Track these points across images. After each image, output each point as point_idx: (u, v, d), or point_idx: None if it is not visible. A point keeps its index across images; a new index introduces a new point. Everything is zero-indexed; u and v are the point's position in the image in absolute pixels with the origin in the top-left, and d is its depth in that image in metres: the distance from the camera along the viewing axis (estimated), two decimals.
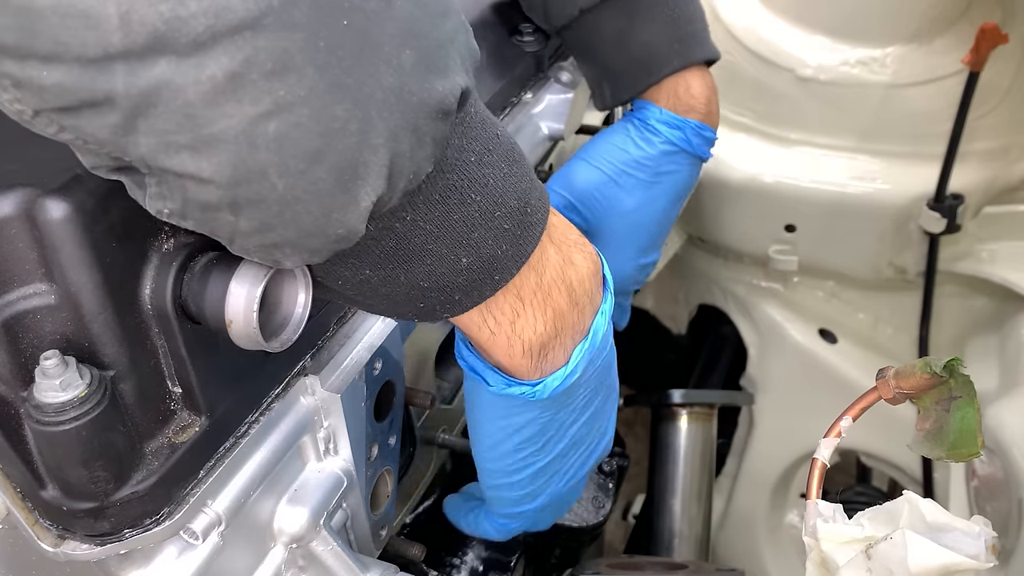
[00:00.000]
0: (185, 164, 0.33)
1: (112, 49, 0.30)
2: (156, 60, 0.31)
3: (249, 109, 0.32)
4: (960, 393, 0.46)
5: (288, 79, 0.33)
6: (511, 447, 0.56)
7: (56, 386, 0.39)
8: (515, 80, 0.82)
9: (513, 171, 0.45)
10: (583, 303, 0.50)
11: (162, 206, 0.36)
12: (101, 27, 0.30)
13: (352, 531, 0.63)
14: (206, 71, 0.31)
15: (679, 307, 1.48)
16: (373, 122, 0.35)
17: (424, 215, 0.41)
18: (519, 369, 0.50)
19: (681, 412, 1.19)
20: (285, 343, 0.45)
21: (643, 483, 1.25)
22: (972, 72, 1.05)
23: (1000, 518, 1.03)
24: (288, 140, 0.33)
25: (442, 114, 0.38)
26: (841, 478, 1.46)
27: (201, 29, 0.31)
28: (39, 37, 0.30)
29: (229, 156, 0.33)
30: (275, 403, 0.53)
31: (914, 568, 0.41)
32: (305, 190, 0.35)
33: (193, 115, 0.32)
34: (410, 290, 0.44)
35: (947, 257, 1.19)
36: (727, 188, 1.20)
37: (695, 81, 0.80)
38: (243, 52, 0.31)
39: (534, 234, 0.46)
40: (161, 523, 0.46)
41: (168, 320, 0.43)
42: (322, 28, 0.33)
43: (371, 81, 0.35)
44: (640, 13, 0.77)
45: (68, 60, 0.30)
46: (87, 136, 0.33)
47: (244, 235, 0.37)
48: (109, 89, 0.31)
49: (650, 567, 0.93)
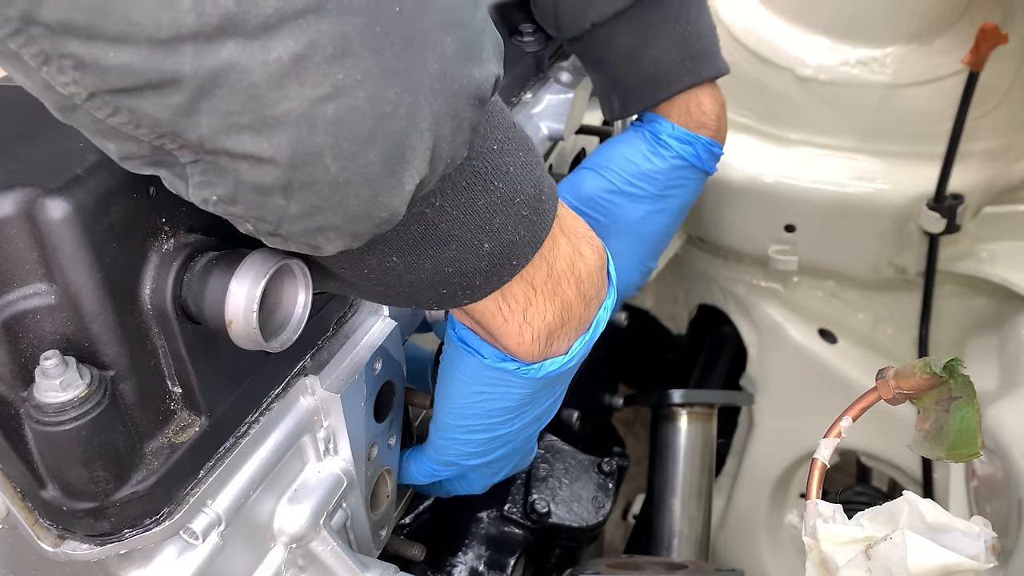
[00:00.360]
0: (245, 145, 0.34)
1: (184, 30, 0.30)
2: (224, 42, 0.31)
3: (311, 91, 0.33)
4: (960, 393, 0.46)
5: (347, 62, 0.33)
6: (480, 411, 0.57)
7: (56, 386, 0.39)
8: (515, 80, 0.82)
9: (529, 160, 0.46)
10: (590, 295, 0.52)
11: (209, 193, 0.36)
12: (175, 8, 0.30)
13: (352, 531, 0.63)
14: (272, 53, 0.32)
15: (679, 307, 1.48)
16: (420, 107, 0.36)
17: (452, 201, 0.42)
18: (524, 354, 0.51)
19: (681, 412, 1.19)
20: (285, 343, 0.45)
21: (643, 483, 1.25)
22: (972, 72, 1.05)
23: (1000, 518, 1.03)
24: (344, 123, 0.34)
25: (479, 100, 0.39)
26: (841, 478, 1.47)
27: (270, 11, 0.31)
28: (111, 17, 0.30)
29: (289, 137, 0.34)
30: (275, 403, 0.53)
31: (914, 568, 0.41)
32: (356, 172, 0.36)
33: (257, 96, 0.32)
34: (434, 276, 0.45)
35: (947, 257, 1.19)
36: (727, 188, 1.20)
37: (706, 98, 0.81)
38: (307, 35, 0.32)
39: (547, 220, 0.47)
40: (161, 523, 0.46)
41: (168, 320, 0.43)
42: (379, 13, 0.34)
43: (420, 67, 0.36)
44: (652, 29, 0.77)
45: (138, 41, 0.30)
46: (143, 118, 0.33)
47: (292, 219, 0.37)
48: (177, 70, 0.31)
49: (650, 567, 0.93)
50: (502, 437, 0.60)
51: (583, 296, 0.51)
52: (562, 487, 0.85)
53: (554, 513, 0.82)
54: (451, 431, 0.60)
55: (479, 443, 0.60)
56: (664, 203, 0.83)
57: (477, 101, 0.39)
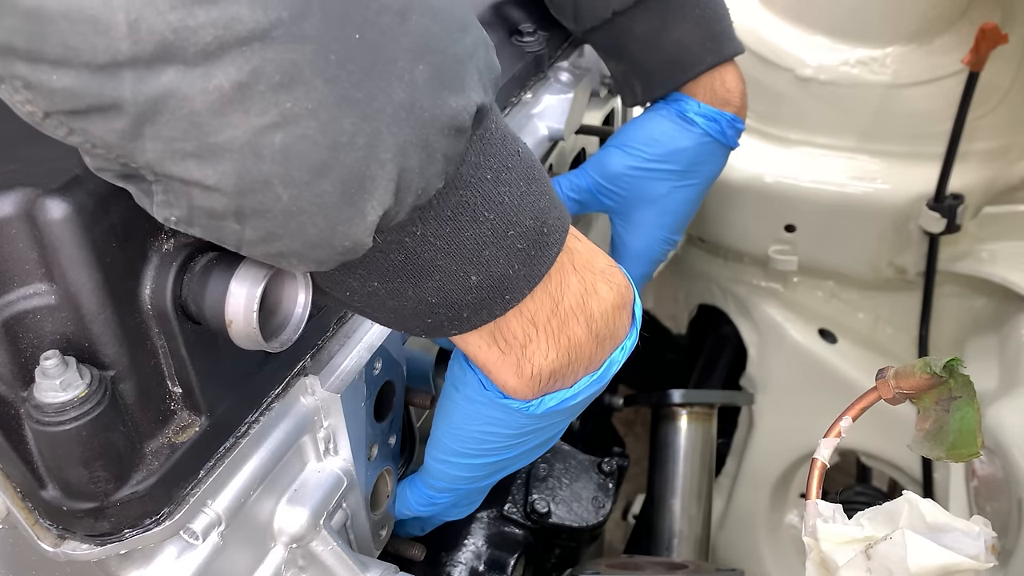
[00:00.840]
0: (191, 171, 0.33)
1: (120, 56, 0.30)
2: (164, 68, 0.31)
3: (255, 120, 0.32)
4: (960, 393, 0.46)
5: (296, 91, 0.33)
6: (479, 434, 0.55)
7: (56, 386, 0.39)
8: (515, 80, 0.82)
9: (531, 190, 0.44)
10: (603, 336, 0.49)
11: (169, 213, 0.36)
12: (110, 34, 0.30)
13: (352, 531, 0.63)
14: (213, 81, 0.31)
15: (679, 307, 1.48)
16: (382, 136, 0.35)
17: (435, 231, 0.41)
18: (520, 390, 0.49)
19: (681, 412, 1.19)
20: (285, 343, 0.45)
21: (643, 483, 1.25)
22: (972, 72, 1.05)
23: (1000, 518, 1.03)
24: (294, 152, 0.33)
25: (455, 131, 0.38)
26: (841, 478, 1.47)
27: (209, 39, 0.31)
28: (49, 41, 0.30)
29: (234, 165, 0.33)
30: (275, 403, 0.53)
31: (914, 568, 0.41)
32: (310, 202, 0.35)
33: (199, 123, 0.32)
34: (418, 305, 0.43)
35: (947, 257, 1.19)
36: (727, 188, 1.20)
37: (729, 76, 0.83)
38: (251, 63, 0.31)
39: (549, 255, 0.45)
40: (161, 523, 0.46)
41: (168, 320, 0.43)
42: (333, 41, 0.33)
43: (381, 95, 0.35)
44: (672, 13, 0.79)
45: (77, 65, 0.31)
46: (95, 140, 0.33)
47: (250, 244, 0.37)
48: (117, 95, 0.31)
49: (650, 567, 0.93)
50: (499, 463, 0.58)
51: (594, 336, 0.48)
52: (562, 487, 0.85)
53: (554, 513, 0.82)
54: (448, 453, 0.58)
55: (475, 468, 0.59)
56: (690, 179, 0.85)
57: (453, 131, 0.37)
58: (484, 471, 0.59)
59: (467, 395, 0.53)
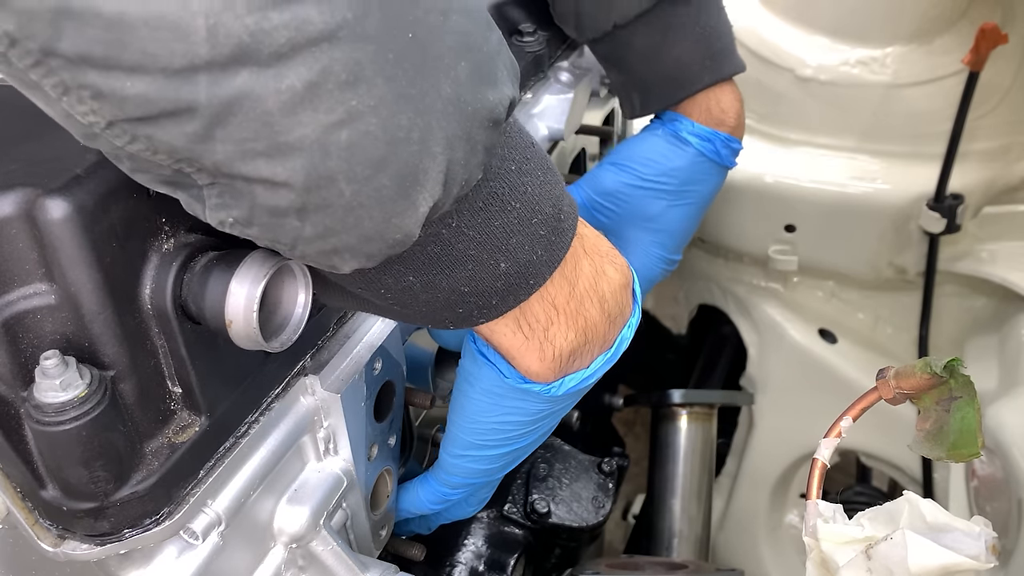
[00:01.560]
0: (260, 170, 0.34)
1: (198, 60, 0.31)
2: (238, 71, 0.32)
3: (323, 118, 0.34)
4: (960, 393, 0.46)
5: (359, 89, 0.34)
6: (497, 425, 0.57)
7: (56, 386, 0.39)
8: None
9: (548, 179, 0.46)
10: (614, 314, 0.52)
11: (226, 215, 0.37)
12: (189, 38, 0.31)
13: (352, 531, 0.63)
14: (285, 81, 0.32)
15: (679, 307, 1.48)
16: (433, 131, 0.36)
17: (468, 221, 0.43)
18: (544, 372, 0.51)
19: (681, 412, 1.19)
20: (285, 343, 0.45)
21: (643, 483, 1.25)
22: (972, 72, 1.05)
23: (1000, 518, 1.03)
24: (358, 148, 0.35)
25: (493, 123, 0.39)
26: (841, 478, 1.47)
27: (283, 41, 0.32)
28: (128, 48, 0.30)
29: (303, 162, 0.34)
30: (275, 403, 0.53)
31: (914, 568, 0.41)
32: (369, 196, 0.36)
33: (271, 123, 0.33)
34: (450, 295, 0.45)
35: (947, 257, 1.19)
36: (727, 188, 1.19)
37: (725, 96, 0.83)
38: (320, 63, 0.33)
39: (566, 239, 0.47)
40: (161, 523, 0.46)
41: (168, 320, 0.43)
42: (391, 41, 0.34)
43: (432, 91, 0.36)
44: (673, 29, 0.79)
45: (153, 71, 0.31)
46: (160, 145, 0.34)
47: (306, 241, 0.38)
48: (192, 99, 0.32)
49: (650, 567, 0.93)
50: (515, 452, 0.60)
51: (607, 315, 0.51)
52: (562, 487, 0.85)
53: (554, 513, 0.82)
54: (465, 447, 0.60)
55: (492, 459, 0.60)
56: (685, 198, 0.85)
57: (491, 123, 0.39)
58: (500, 462, 0.61)
59: (484, 388, 0.55)
